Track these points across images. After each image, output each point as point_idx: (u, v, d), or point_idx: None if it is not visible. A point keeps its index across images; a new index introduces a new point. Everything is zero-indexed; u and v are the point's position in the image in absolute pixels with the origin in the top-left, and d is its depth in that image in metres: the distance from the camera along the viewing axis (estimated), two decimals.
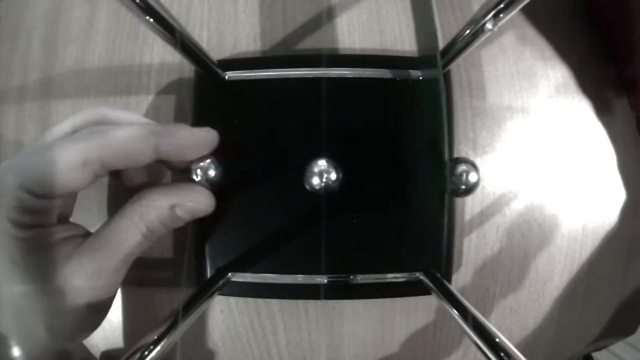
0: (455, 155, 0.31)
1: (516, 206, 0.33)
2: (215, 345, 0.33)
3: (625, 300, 0.35)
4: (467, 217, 0.32)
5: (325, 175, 0.27)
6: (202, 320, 0.33)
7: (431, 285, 0.28)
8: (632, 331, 0.35)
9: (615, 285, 0.35)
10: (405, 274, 0.31)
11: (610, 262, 0.34)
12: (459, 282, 0.33)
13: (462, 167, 0.26)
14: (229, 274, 0.30)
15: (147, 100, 0.33)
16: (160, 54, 0.33)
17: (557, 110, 0.33)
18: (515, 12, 0.21)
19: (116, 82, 0.33)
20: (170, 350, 0.22)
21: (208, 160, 0.26)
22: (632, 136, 0.34)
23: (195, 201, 0.25)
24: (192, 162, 0.25)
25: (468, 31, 0.23)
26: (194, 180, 0.26)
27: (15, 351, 0.30)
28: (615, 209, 0.34)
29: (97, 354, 0.34)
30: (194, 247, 0.31)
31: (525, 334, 0.34)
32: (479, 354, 0.21)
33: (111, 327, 0.33)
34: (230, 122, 0.30)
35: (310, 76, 0.31)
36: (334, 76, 0.30)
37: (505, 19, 0.21)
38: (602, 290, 0.34)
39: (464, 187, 0.26)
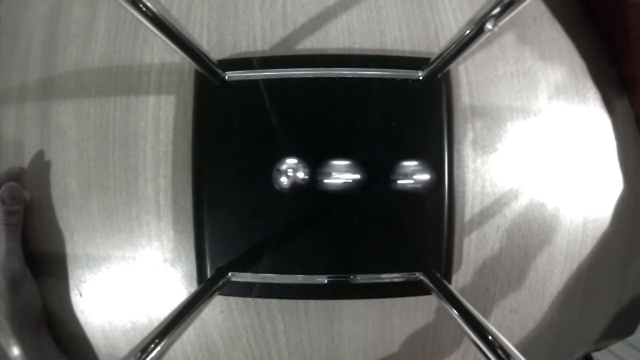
0: (456, 154, 0.31)
1: (516, 206, 0.33)
2: (215, 345, 0.33)
3: (625, 300, 0.35)
4: (467, 217, 0.32)
5: (326, 175, 0.28)
6: (202, 320, 0.33)
7: (431, 285, 0.28)
8: (631, 331, 0.35)
9: (615, 285, 0.35)
10: (405, 274, 0.31)
11: (610, 261, 0.34)
12: (459, 282, 0.33)
13: (410, 167, 0.27)
14: (229, 274, 0.30)
15: (147, 100, 0.33)
16: (160, 54, 0.33)
17: (557, 110, 0.33)
18: (515, 12, 0.21)
19: (116, 82, 0.33)
20: None
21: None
22: (632, 135, 0.34)
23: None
24: None
25: (468, 31, 0.23)
26: None
27: (15, 350, 0.30)
28: (615, 209, 0.34)
29: (98, 354, 0.34)
30: (194, 247, 0.31)
31: (525, 334, 0.34)
32: (479, 354, 0.21)
33: (111, 327, 0.33)
34: (230, 121, 0.31)
35: (310, 76, 0.31)
36: (334, 76, 0.30)
37: (505, 19, 0.21)
38: (602, 290, 0.34)
39: (415, 186, 0.27)
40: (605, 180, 0.34)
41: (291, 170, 0.27)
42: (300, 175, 0.27)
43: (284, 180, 0.27)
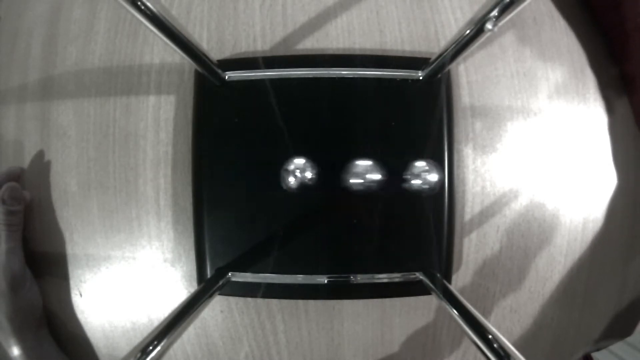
0: (456, 154, 0.31)
1: (516, 206, 0.33)
2: (215, 345, 0.33)
3: (624, 301, 0.35)
4: (467, 217, 0.32)
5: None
6: (202, 320, 0.33)
7: (431, 285, 0.28)
8: (631, 331, 0.35)
9: (615, 286, 0.35)
10: (405, 274, 0.31)
11: (610, 262, 0.34)
12: (459, 282, 0.33)
13: (421, 167, 0.27)
14: (229, 274, 0.30)
15: (147, 100, 0.33)
16: (160, 54, 0.33)
17: (557, 110, 0.33)
18: (514, 13, 0.21)
19: (116, 82, 0.33)
20: None
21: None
22: (632, 135, 0.34)
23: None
24: None
25: (468, 31, 0.23)
26: None
27: (15, 350, 0.30)
28: (615, 209, 0.34)
29: (98, 354, 0.34)
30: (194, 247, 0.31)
31: (525, 334, 0.34)
32: (479, 354, 0.21)
33: (111, 327, 0.33)
34: (230, 121, 0.31)
35: (310, 76, 0.31)
36: (334, 76, 0.30)
37: (505, 19, 0.21)
38: (602, 291, 0.34)
39: (425, 186, 0.27)
40: (605, 180, 0.34)
41: (299, 170, 0.27)
42: (309, 175, 0.27)
43: (291, 180, 0.27)
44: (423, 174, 0.27)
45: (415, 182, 0.27)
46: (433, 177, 0.27)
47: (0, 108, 0.34)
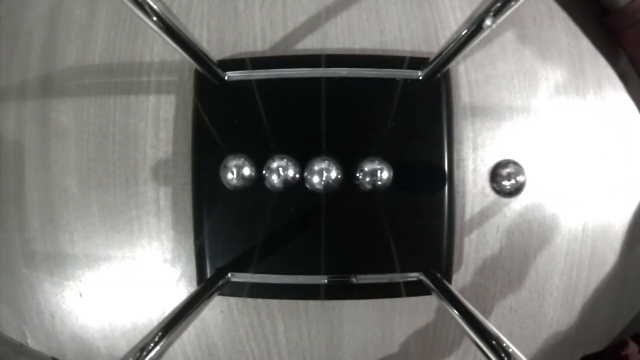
0: (455, 154, 0.31)
1: (516, 206, 0.33)
2: (215, 345, 0.33)
3: (625, 301, 0.35)
4: (467, 217, 0.32)
5: (325, 174, 0.28)
6: (202, 320, 0.33)
7: (431, 285, 0.28)
8: (632, 332, 0.35)
9: (615, 286, 0.35)
10: (405, 274, 0.31)
11: (610, 261, 0.34)
12: (459, 282, 0.33)
13: (508, 169, 0.28)
14: (229, 274, 0.30)
15: (147, 100, 0.33)
16: (160, 54, 0.33)
17: (557, 110, 0.33)
18: (513, 9, 0.21)
19: (116, 82, 0.33)
20: None
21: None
22: (631, 135, 0.34)
23: None
24: None
25: (467, 29, 0.23)
26: None
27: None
28: (614, 209, 0.34)
29: (98, 354, 0.34)
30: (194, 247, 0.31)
31: (525, 334, 0.33)
32: (479, 354, 0.21)
33: (111, 327, 0.33)
34: (230, 121, 0.31)
35: (310, 76, 0.31)
36: (334, 76, 0.30)
37: (504, 15, 0.21)
38: (602, 291, 0.34)
39: (509, 187, 0.28)
40: (606, 180, 0.34)
41: (281, 169, 0.28)
42: (291, 173, 0.28)
43: (274, 178, 0.28)
44: (511, 177, 0.28)
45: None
46: (521, 177, 0.28)
47: (0, 108, 0.34)
